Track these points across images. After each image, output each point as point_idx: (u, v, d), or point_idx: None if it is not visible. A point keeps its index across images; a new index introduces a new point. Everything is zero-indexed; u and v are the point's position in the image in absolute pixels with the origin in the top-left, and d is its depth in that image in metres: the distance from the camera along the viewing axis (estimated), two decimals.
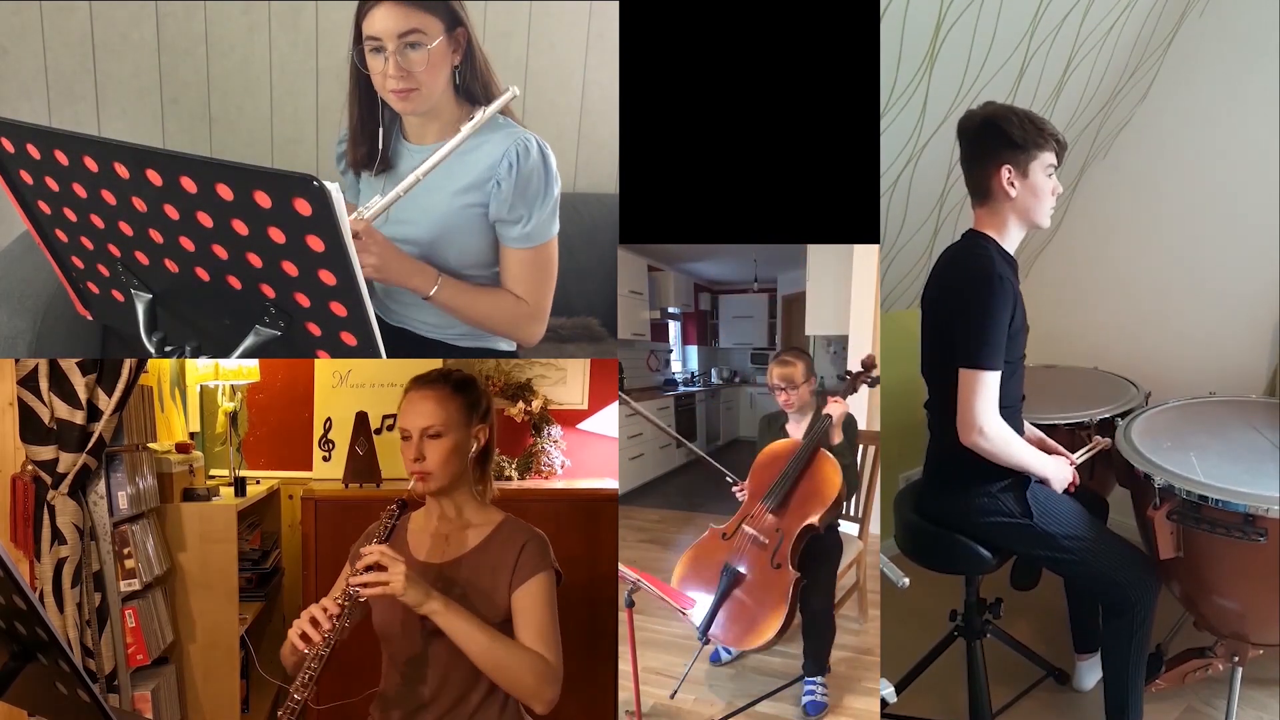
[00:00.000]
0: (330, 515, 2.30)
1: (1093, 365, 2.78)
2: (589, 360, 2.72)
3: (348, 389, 2.70)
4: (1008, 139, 1.78)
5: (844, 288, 3.34)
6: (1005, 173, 1.79)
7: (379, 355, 1.25)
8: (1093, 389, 2.53)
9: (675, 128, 1.82)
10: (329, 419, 2.70)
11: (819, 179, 1.81)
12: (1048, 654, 2.37)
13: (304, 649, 1.34)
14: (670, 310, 6.03)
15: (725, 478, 2.32)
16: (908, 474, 2.86)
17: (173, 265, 1.28)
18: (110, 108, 2.67)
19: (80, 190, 1.26)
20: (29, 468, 1.83)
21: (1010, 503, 1.85)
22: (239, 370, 2.53)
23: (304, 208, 1.10)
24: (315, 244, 1.14)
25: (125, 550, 1.96)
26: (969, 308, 1.76)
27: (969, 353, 1.75)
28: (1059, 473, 1.89)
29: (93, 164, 1.20)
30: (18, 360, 1.83)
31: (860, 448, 2.45)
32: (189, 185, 1.14)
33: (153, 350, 1.39)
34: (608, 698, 2.11)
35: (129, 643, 1.97)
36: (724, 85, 1.80)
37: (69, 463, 1.82)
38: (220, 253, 1.21)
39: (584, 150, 3.02)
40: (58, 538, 1.80)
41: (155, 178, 1.16)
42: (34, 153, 1.25)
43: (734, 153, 1.82)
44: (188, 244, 1.23)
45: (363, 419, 2.50)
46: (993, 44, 2.15)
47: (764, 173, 1.83)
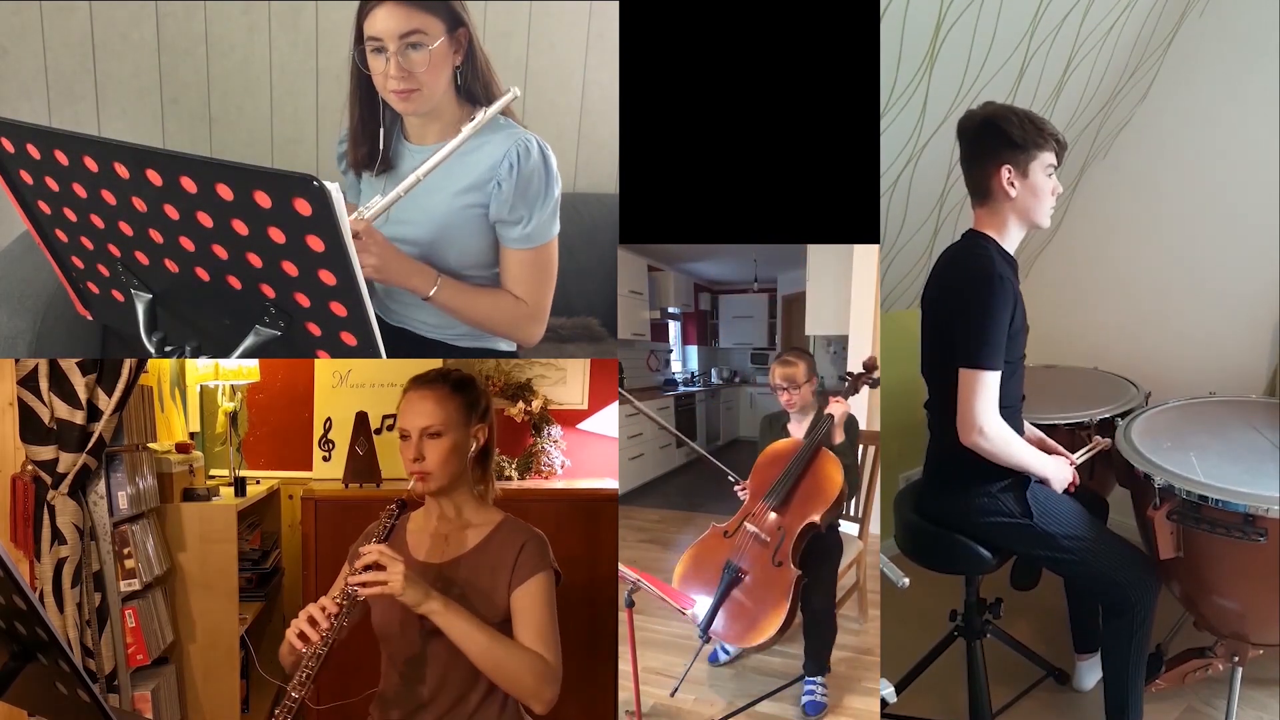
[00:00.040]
0: (330, 515, 2.30)
1: (1093, 365, 2.78)
2: (589, 360, 2.72)
3: (348, 389, 2.70)
4: (1008, 139, 1.78)
5: (844, 288, 3.34)
6: (1005, 173, 1.79)
7: (379, 355, 1.25)
8: (1093, 389, 2.53)
9: (675, 128, 1.82)
10: (329, 419, 2.70)
11: (819, 179, 1.81)
12: (1048, 654, 2.37)
13: (302, 648, 1.34)
14: (670, 310, 6.03)
15: (727, 477, 2.32)
16: (908, 474, 2.86)
17: (173, 265, 1.28)
18: (110, 108, 2.67)
19: (80, 190, 1.26)
20: (29, 468, 1.83)
21: (1010, 503, 1.85)
22: (239, 370, 2.53)
23: (304, 208, 1.10)
24: (315, 244, 1.14)
25: (125, 550, 1.96)
26: (969, 308, 1.76)
27: (969, 353, 1.75)
28: (1059, 473, 1.89)
29: (93, 164, 1.20)
30: (18, 360, 1.83)
31: (860, 448, 2.45)
32: (189, 185, 1.14)
33: (153, 350, 1.39)
34: (608, 698, 2.11)
35: (129, 643, 1.97)
36: (724, 85, 1.80)
37: (69, 463, 1.82)
38: (220, 253, 1.21)
39: (584, 150, 3.02)
40: (58, 538, 1.80)
41: (155, 178, 1.16)
42: (34, 153, 1.25)
43: (734, 153, 1.82)
44: (188, 244, 1.23)
45: (363, 419, 2.50)
46: (993, 44, 2.15)
47: (764, 173, 1.83)
